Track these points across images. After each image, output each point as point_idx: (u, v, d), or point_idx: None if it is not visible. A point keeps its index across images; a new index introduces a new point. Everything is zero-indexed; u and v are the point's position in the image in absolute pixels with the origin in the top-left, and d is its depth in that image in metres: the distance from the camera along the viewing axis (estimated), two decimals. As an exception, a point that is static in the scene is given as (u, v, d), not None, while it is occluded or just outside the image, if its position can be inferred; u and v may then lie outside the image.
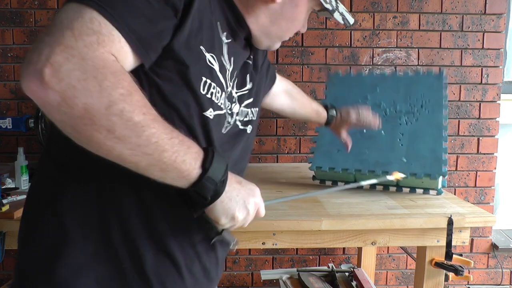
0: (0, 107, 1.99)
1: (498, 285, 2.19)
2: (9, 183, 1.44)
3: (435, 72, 1.51)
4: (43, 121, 1.44)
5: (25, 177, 1.45)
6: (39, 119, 1.43)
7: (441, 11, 2.05)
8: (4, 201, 1.18)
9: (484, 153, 2.12)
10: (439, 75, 1.48)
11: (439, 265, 1.21)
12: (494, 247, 2.15)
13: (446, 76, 1.49)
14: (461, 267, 1.18)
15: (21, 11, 1.95)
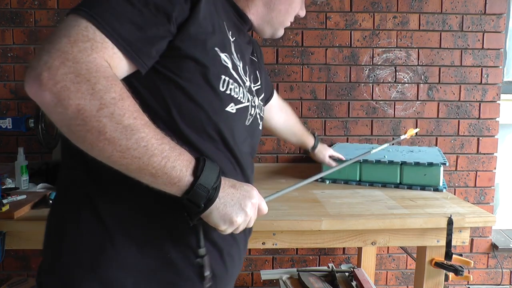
0: (0, 107, 1.99)
1: (498, 285, 2.19)
2: (9, 183, 1.44)
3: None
4: (43, 121, 1.44)
5: (25, 177, 1.45)
6: (39, 119, 1.42)
7: (441, 11, 2.05)
8: (4, 201, 1.18)
9: (484, 153, 2.12)
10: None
11: (439, 265, 1.21)
12: (494, 247, 2.15)
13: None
14: (461, 267, 1.18)
15: (21, 11, 1.95)
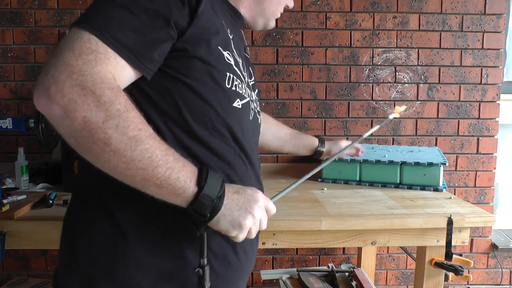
0: (0, 107, 1.99)
1: (498, 285, 2.19)
2: (9, 183, 1.44)
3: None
4: (43, 121, 1.44)
5: (25, 177, 1.45)
6: (39, 119, 1.42)
7: (441, 11, 2.05)
8: (4, 201, 1.18)
9: (484, 153, 2.12)
10: None
11: (439, 265, 1.21)
12: (494, 247, 2.15)
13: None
14: (461, 267, 1.18)
15: (21, 11, 1.95)
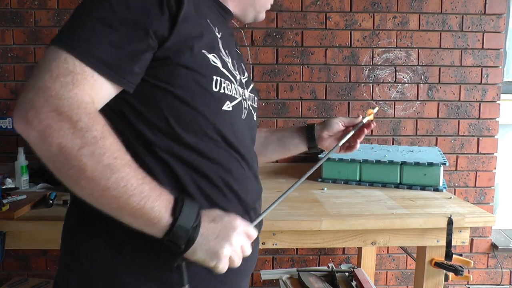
0: (0, 107, 1.99)
1: (498, 285, 2.19)
2: (9, 183, 1.44)
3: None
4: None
5: (25, 177, 1.45)
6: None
7: (441, 11, 2.05)
8: (4, 201, 1.18)
9: (484, 153, 2.12)
10: None
11: (439, 265, 1.21)
12: (494, 247, 2.15)
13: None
14: (461, 267, 1.18)
15: (21, 11, 1.95)
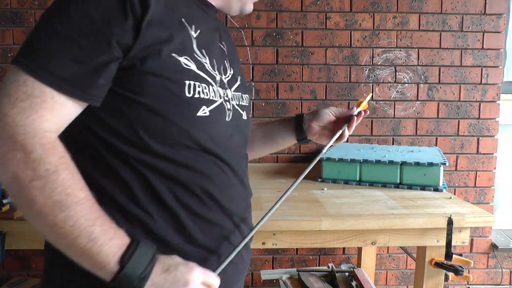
0: (0, 107, 1.99)
1: (498, 285, 2.19)
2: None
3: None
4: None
5: (25, 177, 1.45)
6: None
7: (441, 11, 2.05)
8: (4, 201, 1.18)
9: (484, 153, 2.12)
10: None
11: (439, 265, 1.21)
12: (494, 247, 2.15)
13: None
14: (461, 267, 1.18)
15: (21, 11, 1.95)
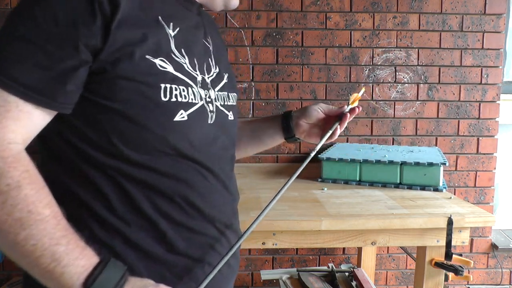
0: (0, 107, 1.99)
1: (498, 285, 2.20)
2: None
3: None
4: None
5: (25, 177, 1.45)
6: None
7: (441, 11, 2.05)
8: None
9: (484, 153, 2.12)
10: None
11: (439, 265, 1.21)
12: (494, 247, 2.15)
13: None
14: (461, 267, 1.18)
15: (21, 11, 1.95)
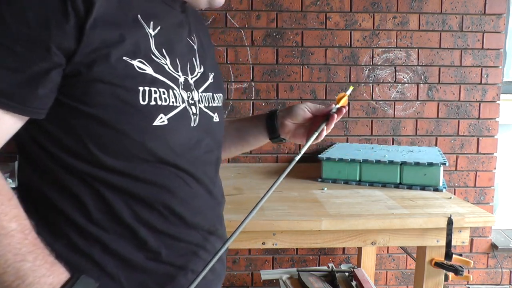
0: (0, 107, 1.99)
1: (498, 285, 2.20)
2: (10, 183, 1.44)
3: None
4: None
5: (25, 177, 1.45)
6: (39, 119, 1.43)
7: (441, 11, 2.05)
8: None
9: (484, 153, 2.12)
10: None
11: (439, 265, 1.21)
12: (494, 247, 2.15)
13: None
14: (461, 267, 1.18)
15: (21, 11, 1.95)
